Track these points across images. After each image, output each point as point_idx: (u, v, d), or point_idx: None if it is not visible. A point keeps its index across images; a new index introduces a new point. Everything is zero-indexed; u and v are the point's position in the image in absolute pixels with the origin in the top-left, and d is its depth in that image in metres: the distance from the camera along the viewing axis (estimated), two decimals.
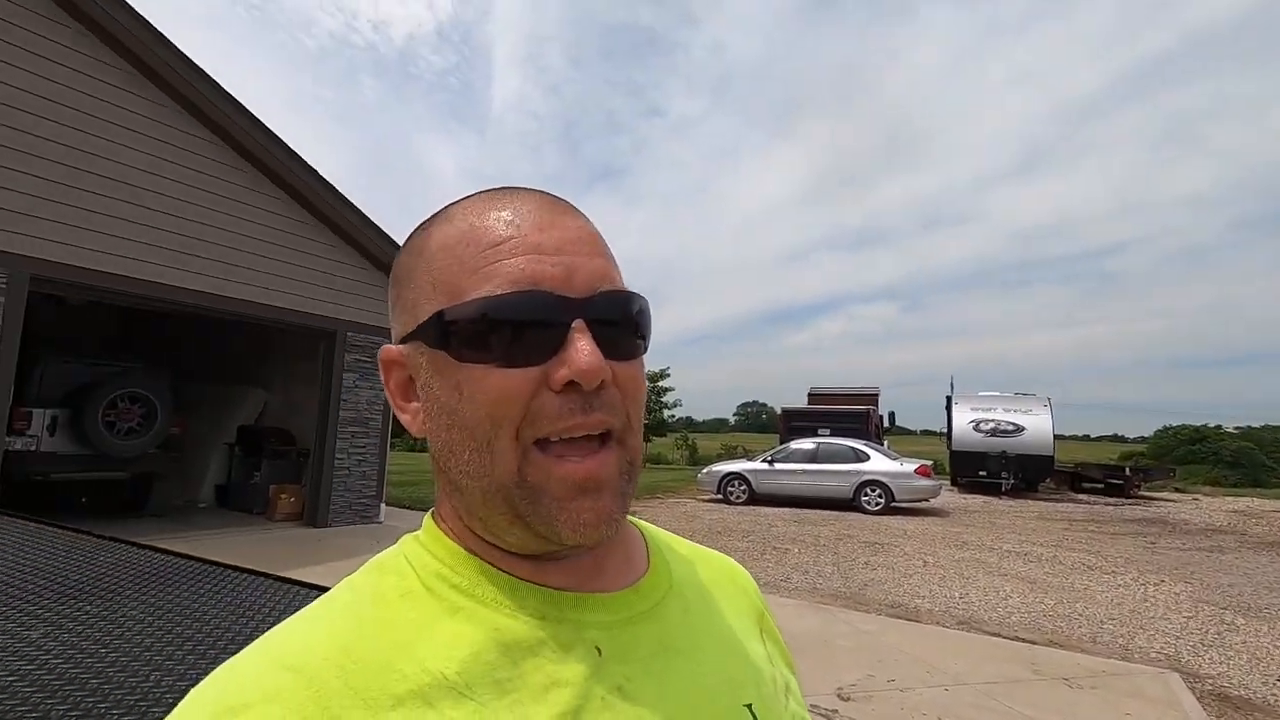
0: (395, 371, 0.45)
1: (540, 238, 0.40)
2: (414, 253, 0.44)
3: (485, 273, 0.39)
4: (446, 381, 0.40)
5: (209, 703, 0.34)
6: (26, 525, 2.08)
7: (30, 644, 1.09)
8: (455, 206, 0.44)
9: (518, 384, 0.38)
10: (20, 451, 7.05)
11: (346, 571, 1.92)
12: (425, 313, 0.41)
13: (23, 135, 5.91)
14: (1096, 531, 11.31)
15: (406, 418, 0.44)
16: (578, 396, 0.38)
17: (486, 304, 0.38)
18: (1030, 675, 4.23)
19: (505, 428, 0.38)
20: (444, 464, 0.42)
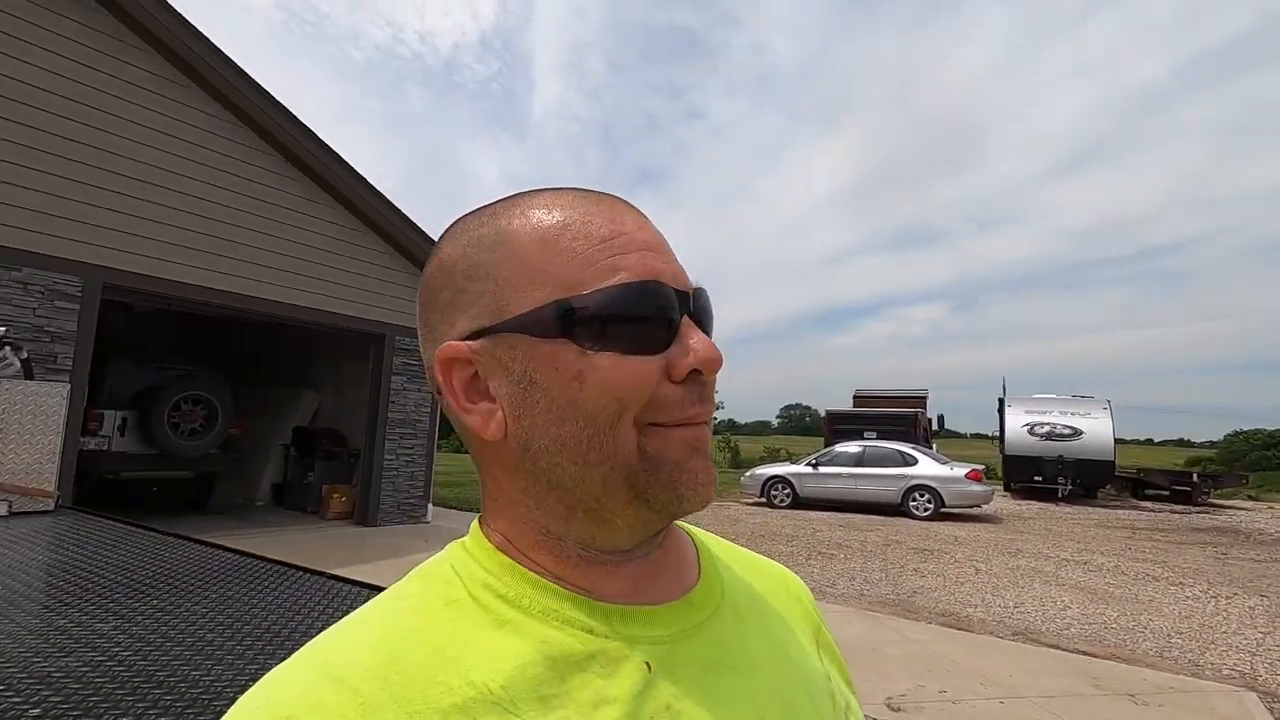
0: (459, 370, 0.42)
1: (645, 235, 0.42)
2: (486, 246, 0.42)
3: (608, 265, 0.39)
4: (563, 373, 0.39)
5: (258, 713, 0.34)
6: (99, 521, 2.19)
7: (102, 636, 1.14)
8: (526, 201, 0.43)
9: (648, 370, 0.39)
10: (94, 451, 7.44)
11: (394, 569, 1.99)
12: (525, 304, 0.40)
13: (98, 152, 6.25)
14: (1162, 540, 10.78)
15: (474, 420, 0.41)
16: (695, 386, 0.40)
17: (618, 293, 0.39)
18: (1091, 690, 4.06)
19: (629, 412, 0.39)
20: (544, 462, 0.40)
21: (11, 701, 0.86)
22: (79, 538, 1.96)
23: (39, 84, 5.96)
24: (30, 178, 5.84)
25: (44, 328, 5.84)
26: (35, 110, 5.92)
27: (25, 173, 5.82)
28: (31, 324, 5.75)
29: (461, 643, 0.37)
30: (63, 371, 5.85)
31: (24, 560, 1.73)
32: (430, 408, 9.57)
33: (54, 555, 1.81)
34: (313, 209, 8.11)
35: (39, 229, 5.86)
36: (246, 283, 7.36)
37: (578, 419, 0.39)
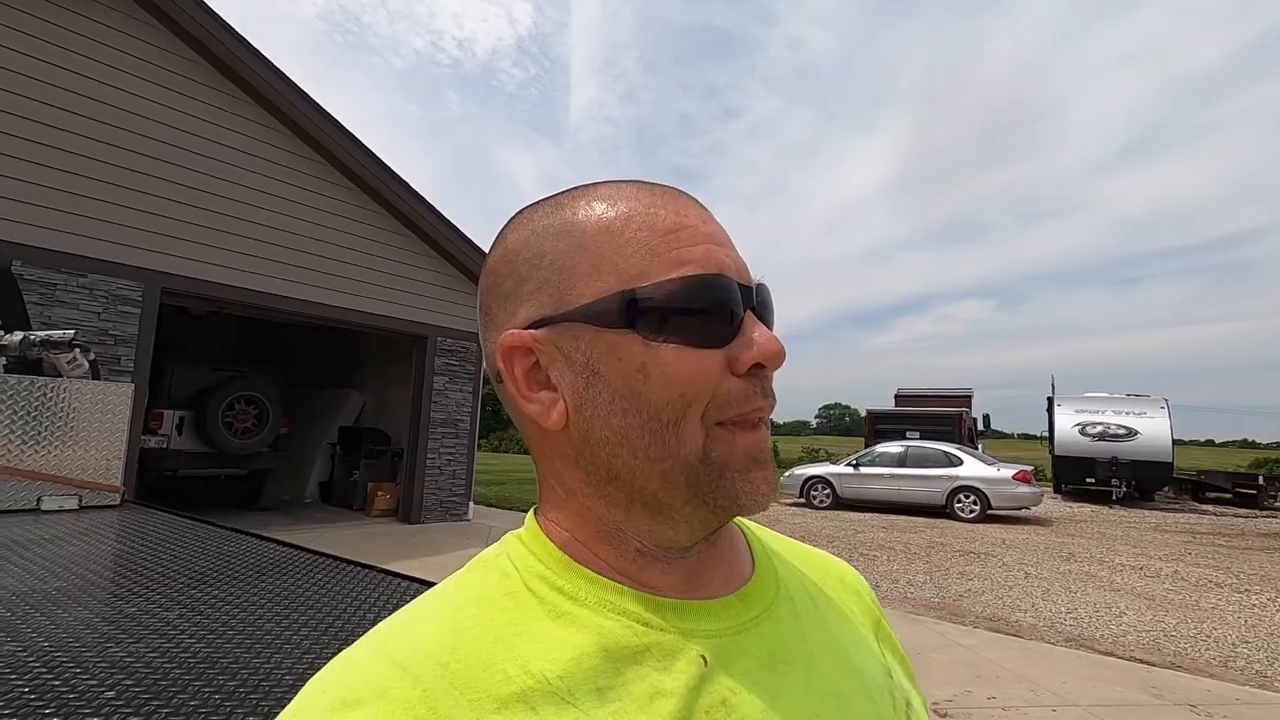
0: (521, 359, 0.42)
1: (709, 229, 0.42)
2: (552, 235, 0.42)
3: (674, 256, 0.39)
4: (626, 364, 0.39)
5: (326, 695, 0.35)
6: (162, 515, 2.29)
7: (168, 624, 1.19)
8: (591, 192, 0.43)
9: (711, 364, 0.39)
10: (154, 449, 7.77)
11: (438, 566, 2.03)
12: (590, 294, 0.40)
13: (160, 164, 6.54)
14: (1225, 545, 10.30)
15: (535, 408, 0.41)
16: (758, 381, 0.40)
17: (683, 284, 0.39)
18: (1149, 699, 3.90)
19: (694, 408, 0.39)
20: (604, 453, 0.40)
21: (88, 684, 0.91)
22: (144, 531, 2.05)
23: (106, 100, 6.27)
24: (95, 188, 6.14)
25: (108, 331, 6.12)
26: (102, 125, 6.22)
27: (91, 184, 6.11)
28: (97, 327, 6.03)
29: (519, 633, 0.37)
30: (125, 373, 6.13)
31: (94, 551, 1.82)
32: (471, 407, 9.73)
33: (121, 547, 1.90)
34: (358, 214, 8.33)
35: (103, 237, 6.15)
36: (296, 286, 7.60)
37: (640, 411, 0.39)
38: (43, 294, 5.74)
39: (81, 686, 0.90)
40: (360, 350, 10.60)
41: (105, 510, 2.32)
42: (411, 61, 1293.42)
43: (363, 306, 8.32)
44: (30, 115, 5.82)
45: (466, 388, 9.67)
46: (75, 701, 0.85)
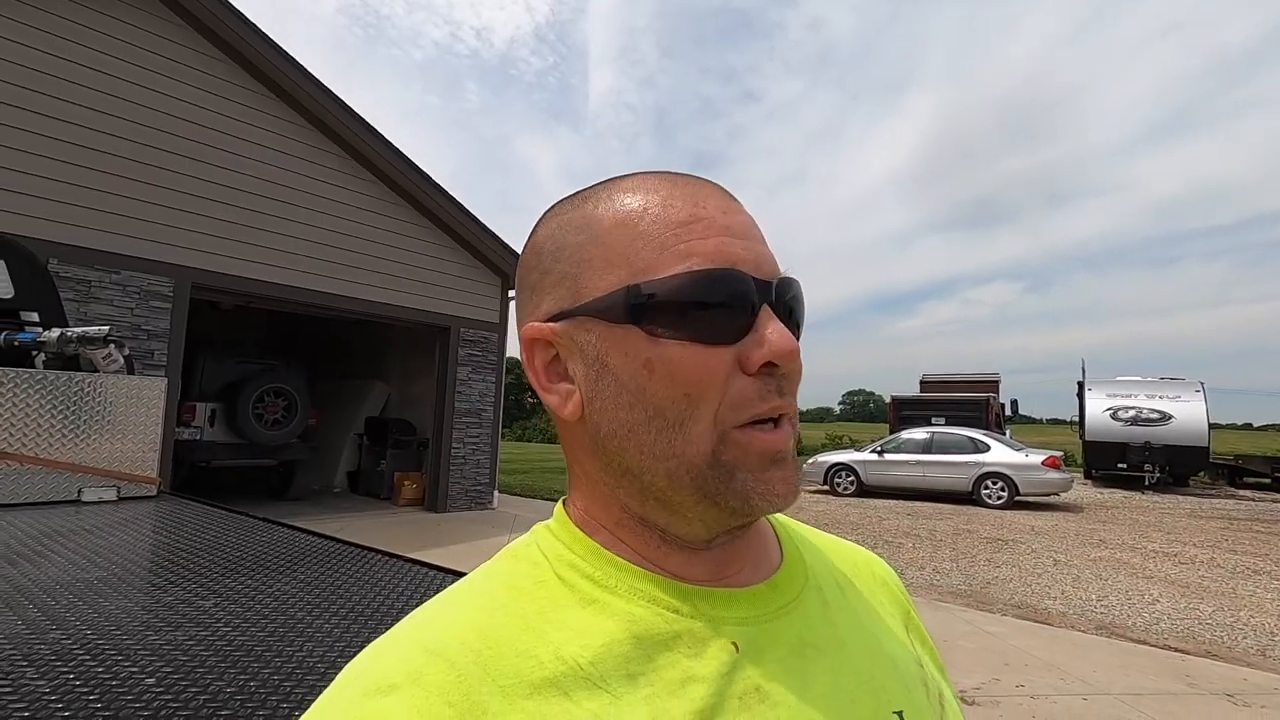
0: (541, 350, 0.43)
1: (728, 220, 0.41)
2: (572, 229, 0.42)
3: (681, 250, 0.39)
4: (632, 359, 0.39)
5: (361, 681, 0.35)
6: (197, 506, 2.35)
7: (204, 613, 1.23)
8: (616, 185, 0.43)
9: (716, 362, 0.38)
10: (187, 441, 7.97)
11: (465, 553, 2.05)
12: (600, 287, 0.40)
13: (188, 161, 6.66)
14: (1264, 532, 10.04)
15: (554, 399, 0.42)
16: (771, 379, 0.39)
17: (688, 279, 0.38)
18: (1184, 688, 3.84)
19: (703, 409, 0.38)
20: (617, 446, 0.40)
21: (130, 671, 0.94)
22: (180, 521, 2.10)
23: (136, 100, 6.39)
24: (127, 187, 6.27)
25: (141, 326, 6.27)
26: (132, 125, 6.35)
27: (122, 182, 6.25)
28: (130, 323, 6.18)
29: (550, 620, 0.38)
30: (159, 367, 6.28)
31: (133, 541, 1.87)
32: (494, 397, 9.82)
33: (158, 537, 1.95)
34: (381, 208, 8.42)
35: (135, 234, 6.29)
36: (322, 280, 7.71)
37: (645, 407, 0.39)
38: (78, 291, 5.90)
39: (124, 674, 0.92)
40: (385, 342, 10.74)
41: (142, 501, 2.39)
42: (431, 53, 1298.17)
43: (387, 299, 8.42)
44: (62, 116, 5.96)
45: (489, 378, 9.76)
46: (118, 689, 0.87)
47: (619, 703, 0.35)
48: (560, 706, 0.34)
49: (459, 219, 9.05)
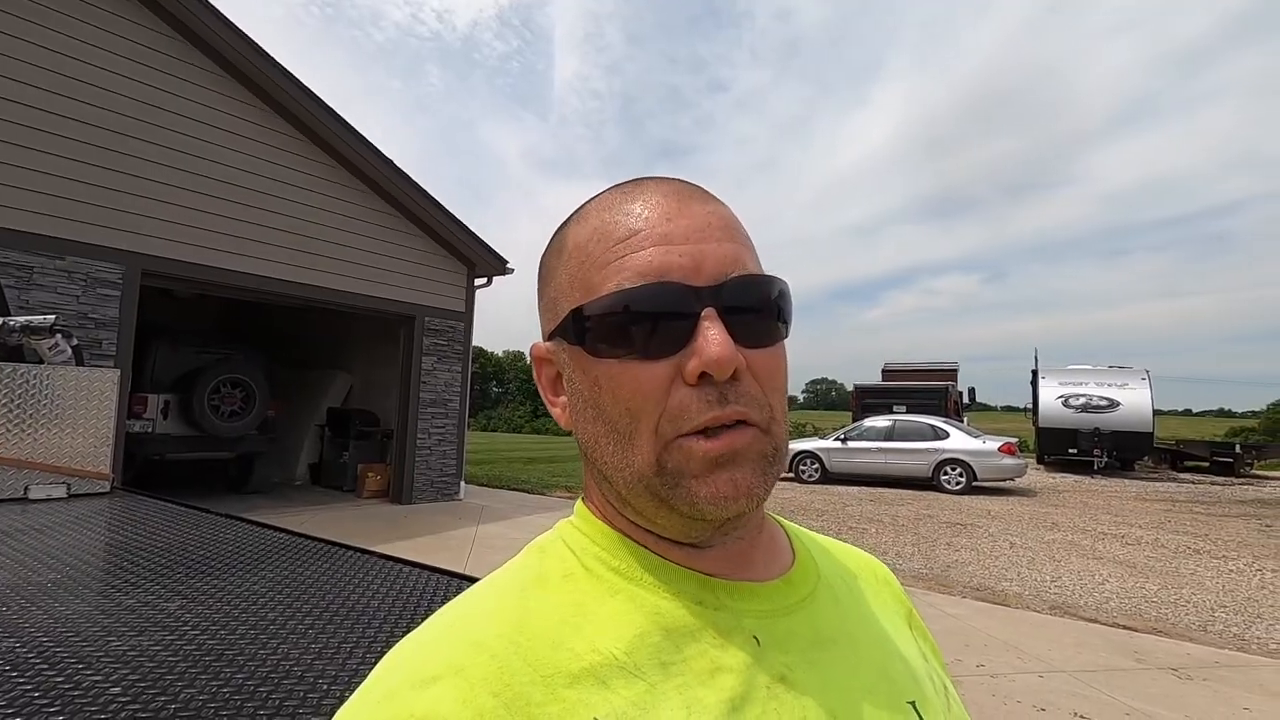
0: (545, 368, 0.46)
1: (668, 228, 0.40)
2: (554, 253, 0.45)
3: (614, 267, 0.40)
4: (586, 377, 0.41)
5: (402, 673, 0.35)
6: (154, 502, 2.26)
7: (170, 615, 1.18)
8: (590, 204, 0.45)
9: (651, 376, 0.38)
10: (139, 434, 7.68)
11: (433, 546, 2.03)
12: (565, 310, 0.42)
13: (135, 142, 6.37)
14: (1203, 513, 10.55)
15: (556, 411, 0.46)
16: (713, 389, 0.38)
17: (615, 298, 0.39)
18: (1133, 664, 4.01)
19: (644, 421, 0.38)
20: (591, 455, 0.43)
21: (93, 680, 0.89)
22: (136, 518, 2.02)
23: (84, 79, 6.08)
24: (72, 169, 5.98)
25: (88, 315, 6.01)
26: (79, 104, 6.05)
27: (68, 164, 5.95)
28: (76, 311, 5.92)
29: (583, 612, 0.39)
30: (107, 357, 6.03)
31: (86, 541, 1.79)
32: (460, 387, 9.69)
33: (114, 535, 1.87)
34: (343, 193, 8.20)
35: (82, 219, 6.01)
36: (281, 267, 7.48)
37: (602, 421, 0.41)
38: (18, 277, 5.61)
39: (86, 683, 0.88)
40: (347, 331, 10.51)
41: (95, 498, 2.29)
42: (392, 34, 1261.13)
43: (349, 287, 8.22)
44: (3, 94, 5.64)
45: (455, 367, 9.62)
46: (81, 699, 0.83)
47: (654, 691, 0.36)
48: (600, 696, 0.35)
49: (424, 206, 8.87)
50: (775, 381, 0.41)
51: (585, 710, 0.34)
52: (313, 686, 0.90)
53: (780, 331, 0.42)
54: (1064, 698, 3.46)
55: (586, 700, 0.34)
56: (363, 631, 1.14)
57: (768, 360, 0.40)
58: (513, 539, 6.93)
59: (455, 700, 0.33)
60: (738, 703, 0.36)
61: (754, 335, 0.39)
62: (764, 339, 0.40)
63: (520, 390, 56.65)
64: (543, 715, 0.33)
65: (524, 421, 46.32)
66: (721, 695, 0.36)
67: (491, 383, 59.82)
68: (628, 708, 0.34)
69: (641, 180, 0.44)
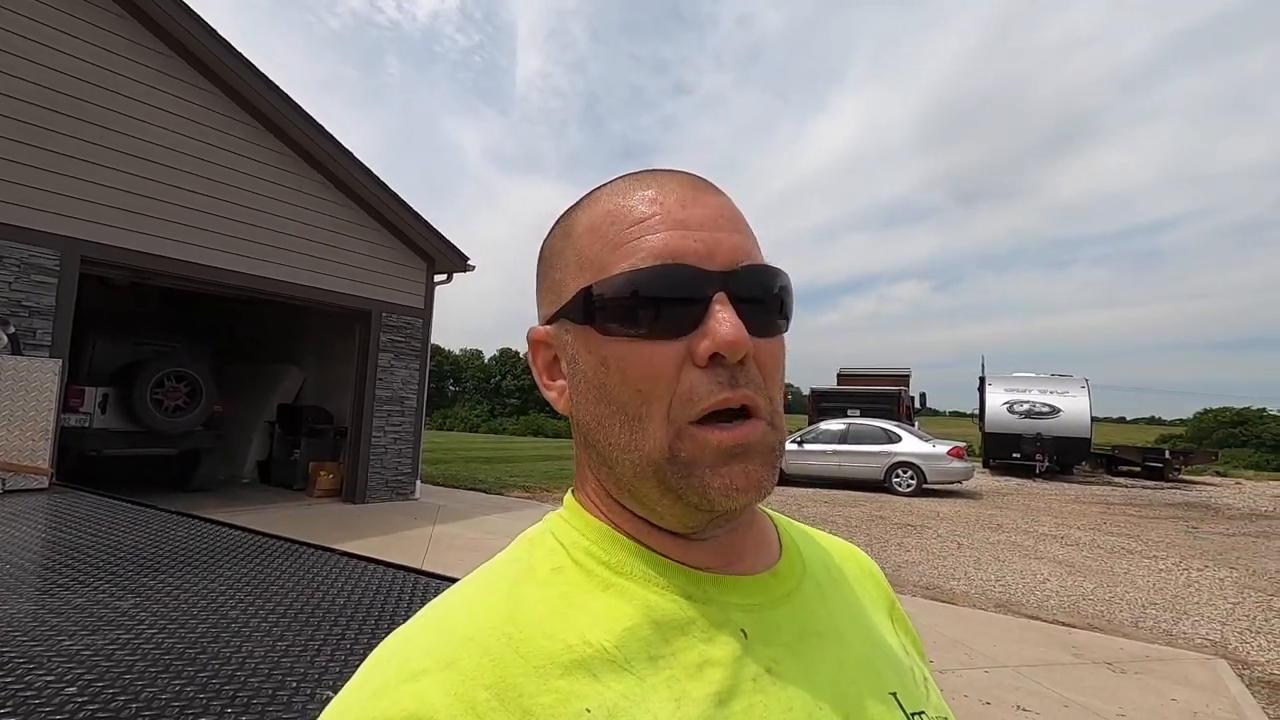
0: (541, 351, 0.46)
1: (683, 214, 0.41)
2: (562, 235, 0.45)
3: (629, 248, 0.40)
4: (594, 356, 0.41)
5: (393, 667, 0.35)
6: (98, 499, 2.17)
7: (123, 614, 1.14)
8: (601, 190, 0.45)
9: (662, 357, 0.39)
10: (74, 428, 7.31)
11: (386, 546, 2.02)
12: (571, 290, 0.42)
13: (73, 121, 6.06)
14: (1135, 515, 11.08)
15: (552, 395, 0.45)
16: (723, 371, 0.38)
17: (631, 278, 0.39)
18: (1071, 659, 4.19)
19: (655, 404, 0.39)
20: (593, 439, 0.42)
21: (45, 680, 0.86)
22: (79, 515, 1.93)
23: (13, 50, 5.75)
24: (4, 148, 5.65)
25: (21, 302, 5.70)
26: (9, 78, 5.72)
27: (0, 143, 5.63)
28: (8, 299, 5.61)
29: (573, 605, 0.39)
30: (42, 347, 5.73)
31: (26, 538, 1.71)
32: (417, 385, 9.51)
33: (57, 533, 1.78)
34: (299, 184, 7.96)
35: (15, 200, 5.69)
36: (229, 257, 7.22)
37: (609, 402, 0.40)
38: None
39: (39, 683, 0.84)
40: (300, 325, 10.20)
41: (32, 494, 2.18)
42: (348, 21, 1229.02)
43: (302, 280, 7.98)
44: None
45: (413, 365, 9.45)
46: (35, 700, 0.80)
47: (643, 684, 0.36)
48: (591, 687, 0.35)
49: (382, 199, 8.67)
50: (776, 373, 0.42)
51: (577, 701, 0.34)
52: (281, 684, 0.88)
53: (783, 325, 0.43)
54: (1008, 691, 3.60)
55: (578, 691, 0.34)
56: (329, 629, 1.12)
57: (772, 350, 0.41)
58: (470, 539, 6.84)
59: (448, 693, 0.33)
60: (724, 696, 0.37)
61: (760, 325, 0.40)
62: (769, 329, 0.41)
63: (478, 389, 55.88)
64: (535, 706, 0.33)
65: (481, 421, 45.68)
66: (709, 688, 0.36)
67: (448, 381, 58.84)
68: (619, 700, 0.35)
69: (653, 170, 0.45)
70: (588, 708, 0.34)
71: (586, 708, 0.34)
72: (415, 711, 0.32)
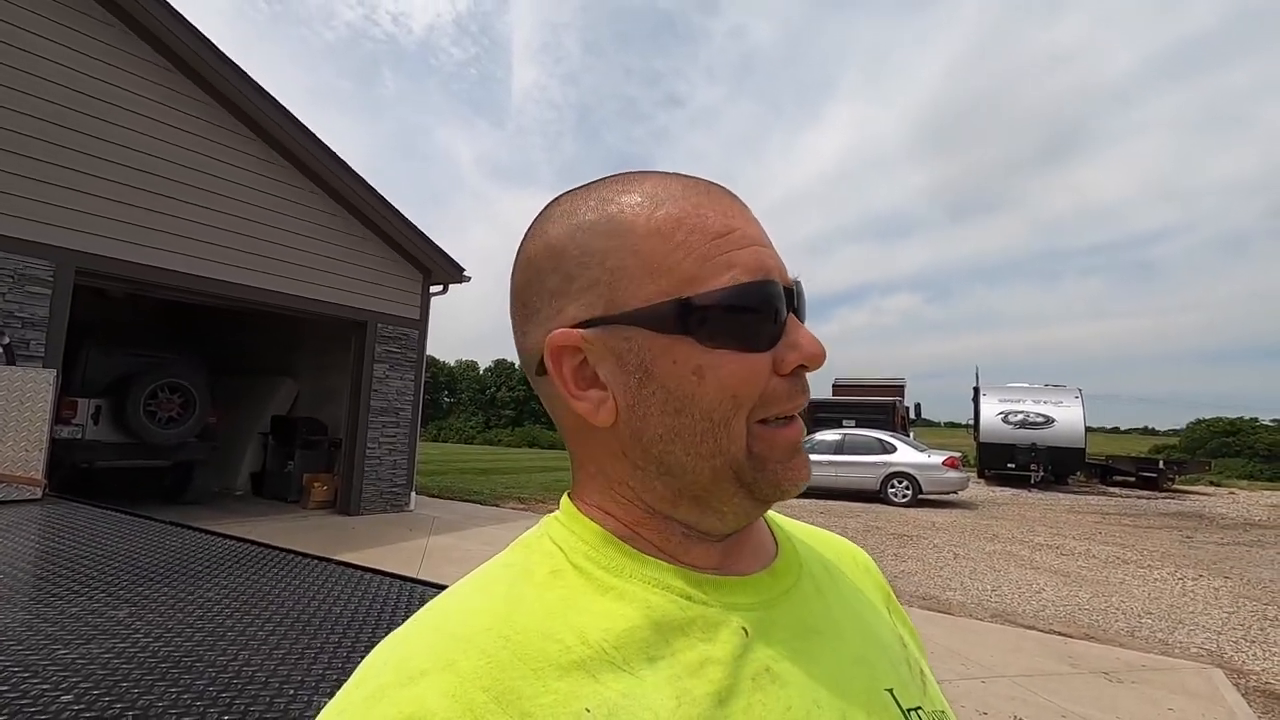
0: (570, 357, 0.42)
1: (751, 230, 0.43)
2: (599, 234, 0.42)
3: (723, 261, 0.40)
4: (681, 367, 0.40)
5: (390, 670, 0.35)
6: (92, 510, 2.16)
7: (119, 623, 1.13)
8: (636, 188, 0.43)
9: (759, 367, 0.41)
10: (67, 440, 7.26)
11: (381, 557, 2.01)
12: (642, 298, 0.40)
13: (68, 132, 6.07)
14: (1130, 525, 11.11)
15: (585, 406, 0.42)
16: (799, 379, 0.42)
17: (734, 291, 0.40)
18: (1068, 669, 4.19)
19: (743, 408, 0.41)
20: (656, 450, 0.41)
21: (41, 689, 0.85)
22: (74, 526, 1.92)
23: (5, 61, 5.76)
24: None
25: (14, 313, 5.68)
26: (8, 91, 5.73)
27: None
28: (2, 310, 5.60)
29: (571, 607, 0.39)
30: (36, 358, 5.71)
31: (20, 548, 1.70)
32: (412, 396, 9.50)
33: (51, 543, 1.77)
34: (295, 195, 7.98)
35: (9, 211, 5.68)
36: (226, 268, 7.22)
37: (693, 411, 0.40)
38: None
39: (34, 692, 0.84)
40: (295, 337, 10.19)
41: (26, 505, 2.17)
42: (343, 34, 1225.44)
43: (298, 291, 7.98)
44: None
45: (408, 375, 9.43)
46: (30, 708, 0.80)
47: (643, 684, 0.36)
48: (589, 688, 0.35)
49: (379, 210, 8.69)
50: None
51: (576, 702, 0.34)
52: (279, 692, 0.88)
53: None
54: (1004, 701, 3.59)
55: (577, 692, 0.34)
56: (325, 638, 1.11)
57: None
58: (465, 550, 6.80)
59: (446, 695, 0.33)
60: (725, 694, 0.37)
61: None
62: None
63: (473, 401, 55.76)
64: (534, 708, 0.33)
65: (476, 432, 45.55)
66: (709, 687, 0.37)
67: (443, 392, 58.69)
68: (618, 699, 0.35)
69: (679, 174, 0.45)
70: (587, 707, 0.34)
71: (586, 707, 0.34)
72: (413, 714, 0.32)
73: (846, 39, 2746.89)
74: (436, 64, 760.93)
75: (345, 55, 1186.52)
